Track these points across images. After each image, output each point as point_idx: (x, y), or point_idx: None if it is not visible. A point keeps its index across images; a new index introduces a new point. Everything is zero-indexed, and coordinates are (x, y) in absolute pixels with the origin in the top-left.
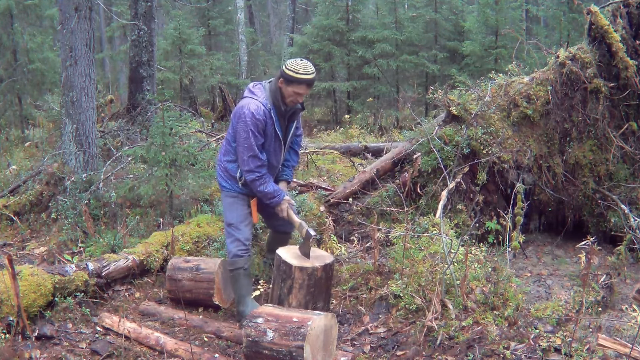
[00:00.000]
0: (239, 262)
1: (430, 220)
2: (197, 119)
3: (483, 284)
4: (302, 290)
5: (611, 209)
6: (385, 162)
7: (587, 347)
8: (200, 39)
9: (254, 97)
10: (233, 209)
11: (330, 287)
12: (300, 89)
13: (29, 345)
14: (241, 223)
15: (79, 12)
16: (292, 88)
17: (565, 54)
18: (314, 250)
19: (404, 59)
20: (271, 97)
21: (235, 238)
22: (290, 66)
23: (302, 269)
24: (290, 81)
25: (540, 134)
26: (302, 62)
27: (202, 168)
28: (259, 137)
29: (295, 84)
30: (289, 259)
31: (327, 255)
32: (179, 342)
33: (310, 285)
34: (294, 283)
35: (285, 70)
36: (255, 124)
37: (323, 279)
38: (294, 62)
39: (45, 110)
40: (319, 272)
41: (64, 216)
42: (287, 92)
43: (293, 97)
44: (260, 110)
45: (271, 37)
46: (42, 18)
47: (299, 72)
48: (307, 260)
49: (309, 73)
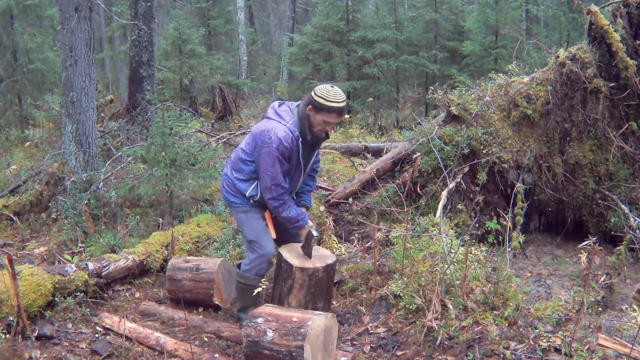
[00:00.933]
0: (255, 280)
1: (430, 220)
2: (197, 119)
3: (483, 284)
4: (302, 290)
5: (611, 209)
6: (385, 162)
7: (587, 347)
8: (200, 39)
9: (282, 122)
10: (248, 225)
11: (332, 287)
12: (331, 117)
13: (29, 345)
14: (262, 237)
15: (79, 12)
16: (321, 116)
17: (565, 54)
18: (317, 250)
19: (404, 59)
20: (299, 123)
21: (259, 255)
22: (321, 93)
23: (303, 269)
24: (319, 109)
25: (540, 134)
26: (333, 89)
27: (202, 168)
28: (285, 164)
29: (325, 112)
30: (291, 259)
31: (329, 255)
32: (179, 342)
33: (310, 286)
34: (295, 283)
35: (314, 97)
36: (282, 152)
37: (324, 280)
38: (324, 88)
39: (45, 110)
40: (320, 272)
41: (64, 216)
42: (316, 121)
43: (322, 126)
44: (288, 137)
45: (271, 37)
46: (42, 18)
47: (329, 100)
48: (308, 260)
49: (340, 101)
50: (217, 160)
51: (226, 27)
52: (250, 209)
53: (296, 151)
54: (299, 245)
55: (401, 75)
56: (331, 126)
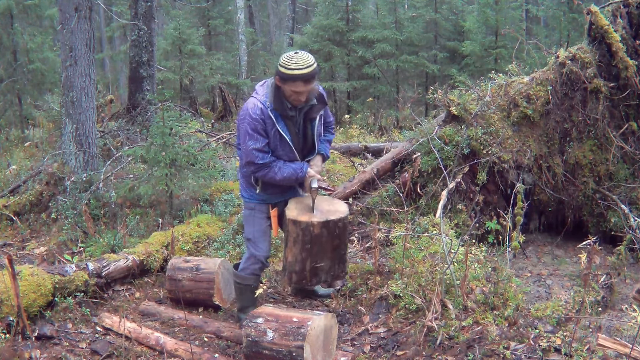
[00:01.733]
0: (250, 279)
1: (430, 220)
2: (197, 119)
3: (483, 284)
4: (297, 245)
5: (611, 209)
6: (385, 162)
7: (587, 347)
8: (200, 39)
9: (255, 96)
10: (251, 223)
11: (341, 247)
12: (297, 86)
13: (29, 345)
14: (259, 239)
15: (79, 12)
16: (288, 86)
17: (565, 54)
18: (332, 203)
19: (404, 59)
20: (271, 95)
21: (252, 254)
22: (282, 61)
23: (295, 222)
24: (283, 79)
25: (540, 134)
26: (296, 55)
27: (202, 168)
28: (259, 138)
29: (289, 81)
30: (290, 210)
31: (339, 211)
32: (179, 342)
33: (305, 241)
34: (289, 236)
35: (278, 67)
36: (253, 126)
37: (323, 236)
38: (287, 55)
39: (45, 110)
40: (315, 228)
41: (64, 216)
42: (286, 91)
43: (294, 96)
44: (257, 109)
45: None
46: (42, 18)
47: (290, 68)
48: (309, 213)
49: (303, 67)
50: (217, 160)
51: (226, 27)
52: (256, 206)
53: (270, 123)
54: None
55: (401, 75)
56: (303, 95)
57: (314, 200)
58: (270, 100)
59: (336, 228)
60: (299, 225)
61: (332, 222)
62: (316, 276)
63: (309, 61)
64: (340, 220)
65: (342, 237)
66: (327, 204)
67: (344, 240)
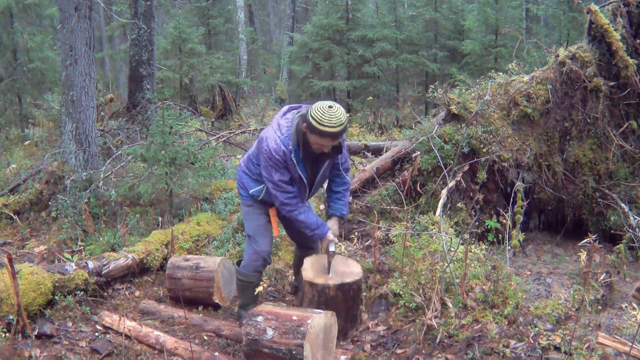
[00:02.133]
0: (252, 277)
1: (430, 219)
2: (197, 118)
3: (483, 282)
4: (312, 305)
5: (611, 208)
6: (385, 161)
7: (587, 345)
8: (200, 38)
9: (277, 133)
10: (250, 219)
11: (355, 307)
12: (325, 141)
13: (29, 343)
14: (259, 234)
15: (79, 11)
16: (314, 138)
17: (565, 53)
18: (348, 264)
19: (404, 58)
20: (295, 137)
21: (254, 251)
22: (315, 114)
23: (312, 284)
24: (312, 130)
25: (540, 132)
26: (330, 111)
27: (201, 167)
28: (285, 172)
29: (317, 135)
30: (307, 270)
31: (354, 273)
32: (179, 341)
33: (320, 302)
34: (304, 297)
35: (309, 117)
36: (276, 162)
37: (339, 299)
38: (320, 109)
39: (45, 109)
40: (331, 290)
41: (63, 215)
42: (311, 139)
43: (317, 146)
44: (280, 150)
45: (271, 36)
46: (42, 17)
47: (323, 124)
48: (325, 275)
49: (335, 125)
50: (216, 159)
51: (226, 26)
52: (254, 203)
53: (291, 164)
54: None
55: (401, 74)
56: (327, 148)
57: (330, 263)
58: (294, 143)
59: (351, 290)
60: (315, 287)
61: (348, 284)
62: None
63: (341, 119)
64: (355, 283)
65: (355, 299)
66: (342, 265)
67: (357, 301)
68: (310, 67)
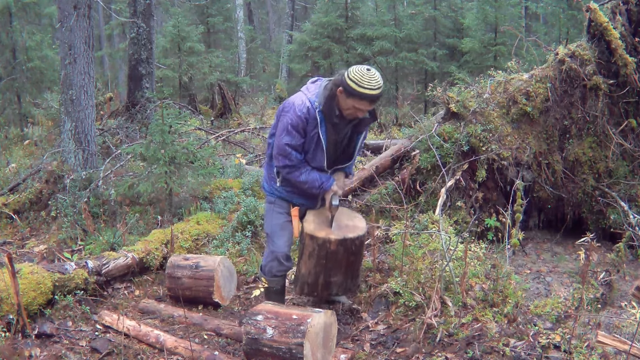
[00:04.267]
0: (272, 282)
1: (429, 218)
2: (196, 117)
3: (482, 281)
4: (312, 258)
5: (610, 206)
6: (385, 160)
7: (587, 344)
8: (199, 37)
9: (305, 92)
10: (269, 217)
11: (357, 263)
12: (362, 104)
13: (29, 343)
14: (276, 234)
15: (78, 10)
16: (351, 101)
17: (564, 51)
18: (352, 218)
19: (403, 57)
20: (322, 97)
21: (270, 251)
22: (354, 76)
23: (312, 237)
24: (350, 93)
25: (539, 131)
26: (369, 73)
27: (201, 166)
28: (297, 136)
29: (356, 98)
30: (308, 223)
31: (358, 228)
32: (179, 340)
33: (320, 256)
34: (305, 249)
35: (346, 79)
36: (295, 122)
37: (339, 253)
38: (359, 71)
39: (44, 108)
40: (332, 244)
41: (63, 214)
42: (346, 104)
43: (352, 111)
44: (304, 107)
45: (270, 35)
46: (41, 16)
47: (363, 86)
48: (327, 228)
49: (375, 87)
50: (216, 157)
51: (225, 25)
52: (276, 200)
53: (313, 124)
54: None
55: (400, 73)
56: (363, 112)
57: (333, 216)
58: (320, 102)
59: (353, 245)
60: (315, 240)
61: (350, 239)
62: (328, 289)
63: (380, 82)
64: (358, 239)
65: (358, 254)
66: (346, 218)
67: (359, 256)
68: (310, 66)
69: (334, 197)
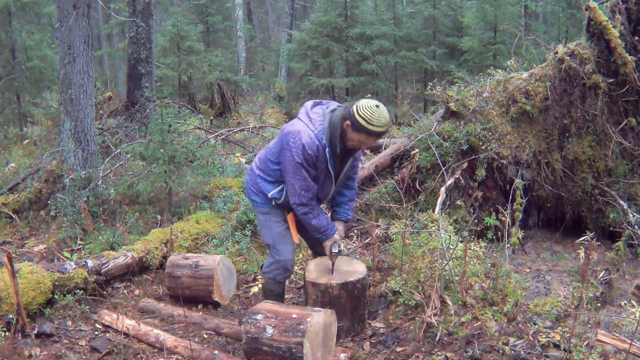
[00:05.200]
0: (272, 285)
1: (429, 217)
2: (195, 116)
3: (482, 279)
4: (316, 306)
5: (610, 205)
6: (384, 159)
7: (586, 342)
8: (199, 36)
9: (309, 127)
10: (267, 227)
11: (361, 307)
12: (369, 140)
13: (28, 342)
14: (280, 243)
15: (77, 10)
16: (358, 136)
17: (564, 50)
18: (351, 264)
19: (403, 55)
20: (329, 132)
21: (275, 260)
22: (364, 113)
23: (314, 284)
24: (358, 129)
25: (539, 129)
26: (379, 110)
27: (200, 165)
28: (311, 170)
29: (363, 134)
30: (310, 272)
31: (358, 272)
32: (179, 339)
33: (324, 303)
34: (309, 298)
35: (355, 116)
36: (306, 158)
37: (343, 298)
38: (369, 108)
39: (43, 108)
40: (334, 290)
41: (63, 214)
42: (352, 138)
43: (356, 144)
44: (314, 145)
45: (269, 34)
46: (40, 16)
47: (372, 124)
48: (328, 274)
49: (384, 125)
50: (215, 157)
51: (224, 24)
52: (271, 210)
53: (323, 160)
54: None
55: (400, 72)
56: (367, 147)
57: (334, 263)
58: (327, 138)
59: (355, 289)
60: (318, 287)
61: (351, 283)
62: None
63: (387, 119)
64: (359, 282)
65: (361, 298)
66: (345, 265)
67: (362, 300)
68: (309, 65)
69: (333, 245)
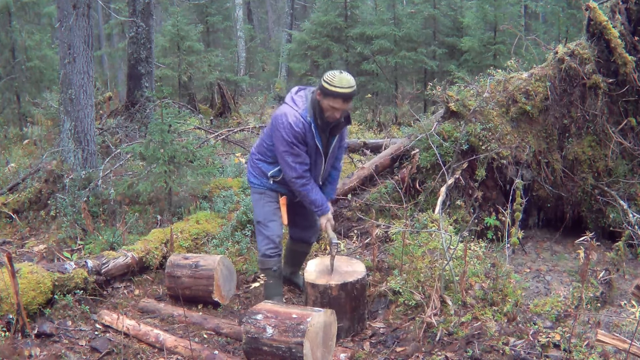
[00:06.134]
0: (269, 262)
1: (429, 216)
2: (195, 116)
3: (482, 279)
4: (315, 307)
5: (610, 205)
6: (384, 158)
7: (586, 342)
8: (199, 36)
9: (294, 107)
10: (260, 205)
11: (360, 307)
12: (336, 103)
13: (28, 342)
14: (269, 220)
15: (77, 10)
16: (327, 101)
17: (564, 50)
18: (350, 264)
19: (403, 55)
20: (311, 109)
21: (265, 236)
22: (327, 78)
23: (314, 285)
24: (325, 94)
25: (539, 129)
26: (340, 75)
27: (200, 165)
28: (301, 146)
29: (330, 97)
30: (309, 273)
31: (357, 272)
32: (179, 339)
33: (324, 304)
34: (308, 299)
35: (322, 82)
36: (295, 136)
37: (342, 298)
38: (331, 73)
39: (43, 108)
40: (333, 290)
41: (63, 214)
42: (324, 106)
43: (330, 112)
44: (299, 123)
45: (269, 34)
46: (40, 16)
47: (334, 85)
48: (327, 275)
49: (345, 86)
50: (215, 157)
51: (224, 24)
52: (266, 191)
53: (310, 136)
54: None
55: (400, 72)
56: (339, 112)
57: (333, 257)
58: (311, 115)
59: (354, 290)
60: (317, 288)
61: (350, 284)
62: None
63: (350, 82)
64: (358, 282)
65: (360, 298)
66: (345, 265)
67: (362, 300)
68: (309, 65)
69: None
